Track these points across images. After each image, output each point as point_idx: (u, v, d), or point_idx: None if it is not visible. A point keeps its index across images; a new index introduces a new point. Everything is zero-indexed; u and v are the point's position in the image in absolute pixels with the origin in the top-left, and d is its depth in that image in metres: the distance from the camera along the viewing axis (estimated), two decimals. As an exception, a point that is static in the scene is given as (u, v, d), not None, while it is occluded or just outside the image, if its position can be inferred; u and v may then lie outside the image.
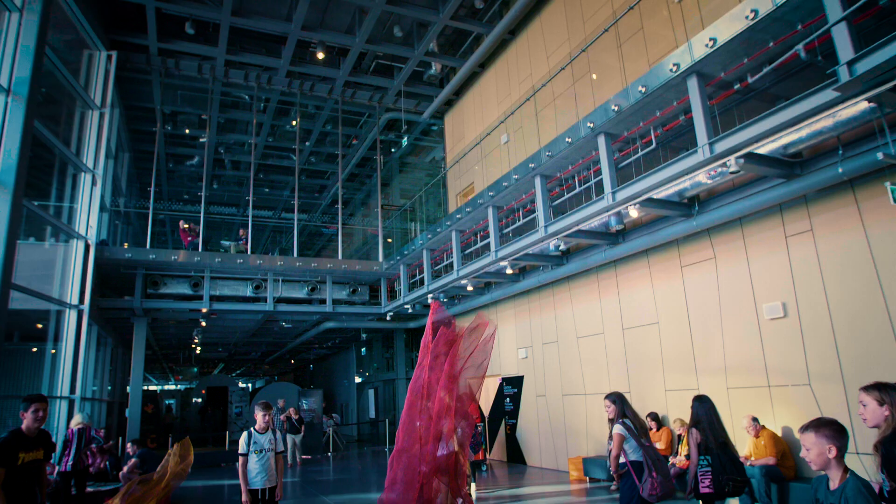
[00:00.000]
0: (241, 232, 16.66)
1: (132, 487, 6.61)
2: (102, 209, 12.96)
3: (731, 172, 6.44)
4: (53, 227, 11.43)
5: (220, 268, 14.22)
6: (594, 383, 10.42)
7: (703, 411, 5.15)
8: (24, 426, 4.37)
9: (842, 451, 2.47)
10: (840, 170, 6.23)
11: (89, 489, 8.07)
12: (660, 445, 8.42)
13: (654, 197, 7.67)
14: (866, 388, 2.82)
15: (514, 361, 12.89)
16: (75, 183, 11.83)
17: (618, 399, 5.15)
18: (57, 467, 7.71)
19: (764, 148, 6.45)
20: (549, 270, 11.02)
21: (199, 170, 18.11)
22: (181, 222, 15.66)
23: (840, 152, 6.33)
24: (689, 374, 8.46)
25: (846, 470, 2.49)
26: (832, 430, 2.51)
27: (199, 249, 14.38)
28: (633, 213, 7.78)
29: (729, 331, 7.95)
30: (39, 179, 11.51)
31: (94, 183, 11.99)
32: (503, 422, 13.15)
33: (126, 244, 15.96)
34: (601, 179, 8.07)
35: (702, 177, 7.26)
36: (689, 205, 8.11)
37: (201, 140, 17.86)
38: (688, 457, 7.85)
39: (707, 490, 4.97)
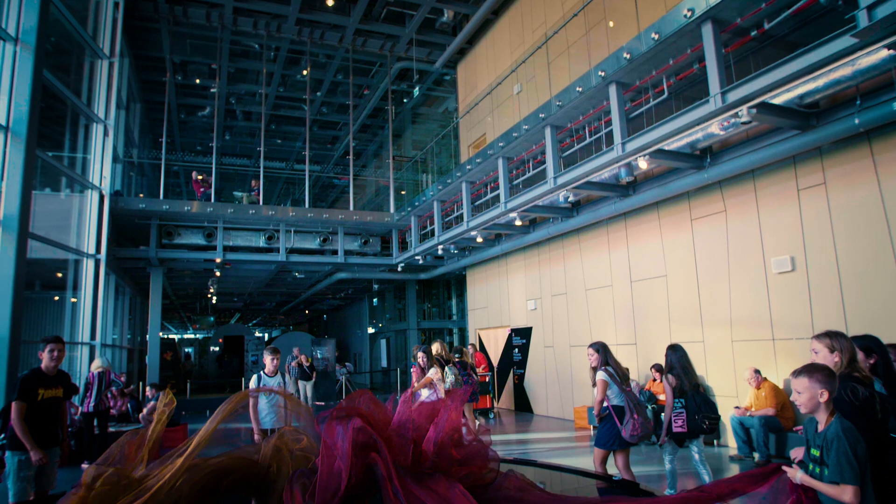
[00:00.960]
0: (253, 183, 16.73)
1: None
2: (115, 160, 13.05)
3: (743, 123, 6.32)
4: (68, 178, 11.56)
5: (232, 218, 14.36)
6: (601, 335, 10.53)
7: (676, 358, 5.48)
8: (42, 365, 4.62)
9: (832, 395, 2.56)
10: (856, 121, 6.08)
11: (111, 429, 8.44)
12: (663, 396, 8.56)
13: (665, 148, 7.56)
14: (818, 336, 2.98)
15: (523, 313, 13.03)
16: (87, 134, 11.89)
17: (601, 348, 5.48)
18: (80, 408, 8.07)
19: (779, 98, 6.30)
20: (559, 222, 11.00)
21: (211, 121, 18.05)
22: (194, 173, 15.74)
23: (858, 103, 6.17)
24: (695, 327, 8.52)
25: (832, 413, 2.57)
26: (824, 375, 2.58)
27: (212, 200, 14.50)
28: (643, 164, 7.69)
29: (736, 284, 7.95)
30: (52, 130, 11.58)
31: (105, 133, 12.04)
32: (511, 372, 13.40)
33: (140, 195, 16.12)
34: (612, 130, 7.96)
35: (714, 127, 7.13)
36: (700, 156, 7.99)
37: (212, 90, 17.73)
38: (690, 406, 8.00)
39: (679, 429, 5.32)
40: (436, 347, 8.21)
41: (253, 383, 5.44)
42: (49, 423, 4.59)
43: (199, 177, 15.65)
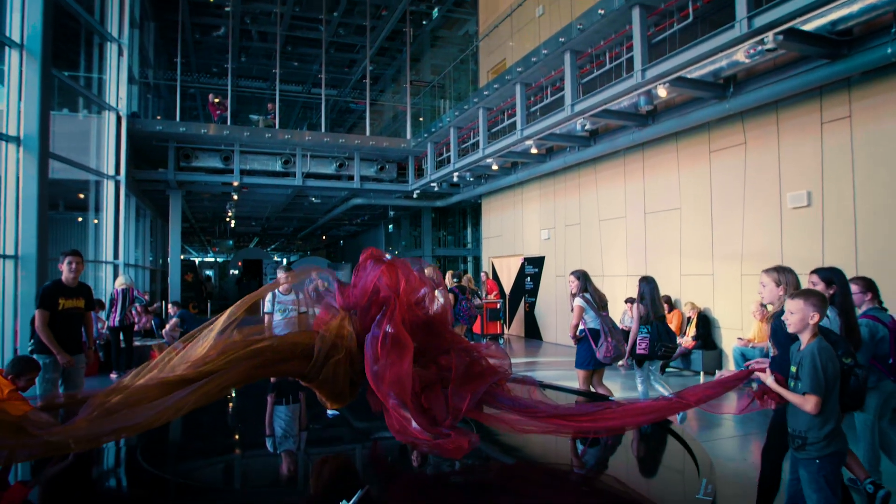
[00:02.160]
0: (269, 106, 16.56)
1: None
2: (131, 81, 12.99)
3: (769, 51, 6.08)
4: (85, 99, 11.58)
5: (249, 142, 14.37)
6: (613, 266, 10.61)
7: (648, 290, 5.88)
8: (62, 277, 4.85)
9: (822, 318, 2.70)
10: (889, 50, 5.82)
11: (136, 343, 8.88)
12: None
13: (687, 76, 7.32)
14: (767, 270, 3.14)
15: (536, 242, 13.11)
16: (102, 54, 11.79)
17: (581, 276, 5.86)
18: (106, 322, 8.47)
19: (809, 24, 6.02)
20: (576, 152, 10.86)
21: (226, 41, 17.69)
22: (210, 96, 15.63)
23: (893, 31, 5.88)
24: (706, 260, 8.54)
25: (815, 335, 2.71)
26: (819, 299, 2.72)
27: (229, 123, 14.47)
28: (662, 92, 7.48)
29: (750, 218, 7.89)
30: (66, 49, 11.49)
31: (120, 53, 11.93)
32: (523, 300, 13.64)
33: (157, 117, 16.10)
34: (633, 56, 7.71)
35: (739, 55, 6.85)
36: (723, 86, 7.74)
37: (226, 9, 17.28)
38: (694, 338, 8.16)
39: (642, 352, 5.77)
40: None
41: (267, 301, 5.66)
42: (72, 331, 4.85)
43: (216, 99, 15.54)
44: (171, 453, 4.20)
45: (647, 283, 5.92)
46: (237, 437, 4.70)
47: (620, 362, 5.99)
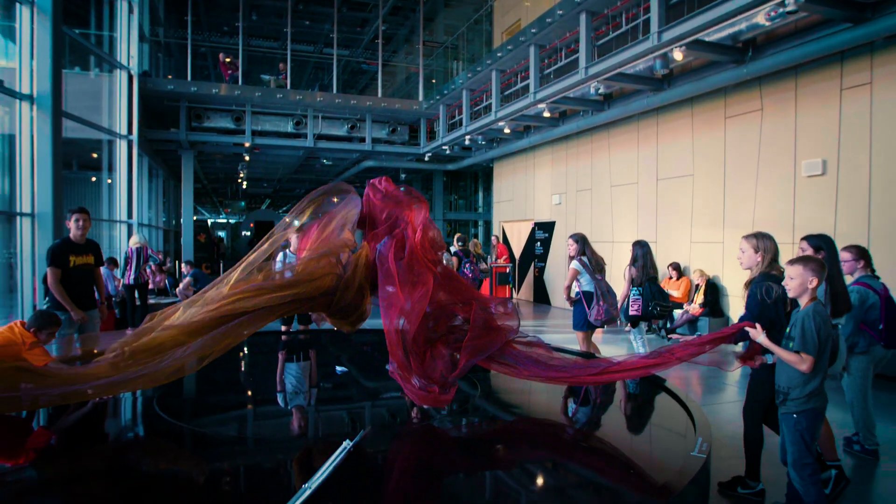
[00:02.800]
0: (280, 66, 16.41)
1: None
2: (142, 39, 12.90)
3: (789, 13, 5.93)
4: (96, 57, 11.54)
5: (260, 102, 14.30)
6: (623, 232, 10.59)
7: (641, 253, 6.08)
8: (70, 235, 4.93)
9: (820, 284, 2.79)
10: (914, 13, 5.66)
11: (151, 301, 9.06)
12: (676, 293, 8.75)
13: (705, 39, 7.17)
14: (747, 237, 3.18)
15: (547, 207, 13.07)
16: (112, 11, 11.70)
17: (580, 239, 5.99)
18: (122, 281, 8.63)
19: (833, -15, 5.85)
20: (589, 116, 10.72)
21: (237, -2, 17.44)
22: (221, 55, 15.50)
23: (920, -7, 5.71)
24: (716, 228, 8.50)
25: (813, 299, 2.80)
26: (817, 265, 2.80)
27: (240, 83, 14.38)
28: (678, 55, 7.34)
29: (763, 186, 7.82)
30: (77, 7, 11.41)
31: (130, 11, 11.82)
32: (532, 265, 13.68)
33: (168, 76, 16.02)
34: (650, 18, 7.54)
35: (760, 17, 6.70)
36: (742, 50, 7.57)
37: (236, -37, 16.98)
38: (701, 305, 8.19)
39: (635, 313, 5.99)
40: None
41: (278, 260, 5.72)
42: (84, 287, 4.95)
43: (227, 59, 15.41)
44: (187, 406, 4.34)
45: (641, 247, 6.10)
46: (250, 392, 4.84)
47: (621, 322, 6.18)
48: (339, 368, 5.19)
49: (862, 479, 3.75)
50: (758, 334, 2.84)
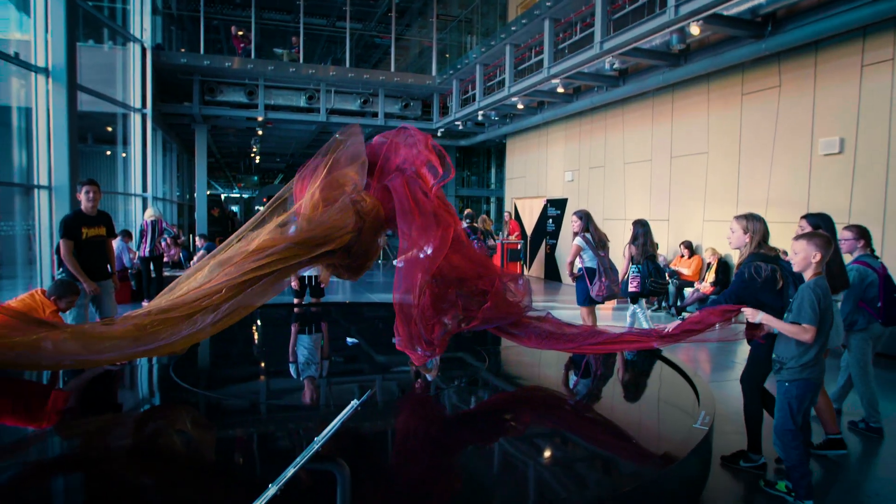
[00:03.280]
0: (293, 40, 16.32)
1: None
2: (155, 12, 12.87)
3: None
4: (110, 30, 11.55)
5: (273, 76, 14.27)
6: (635, 210, 10.53)
7: (642, 232, 6.15)
8: (82, 207, 4.95)
9: (824, 258, 2.81)
10: (940, -14, 5.51)
11: (166, 273, 9.19)
12: (687, 271, 8.73)
13: (723, 13, 7.03)
14: (737, 217, 3.24)
15: (560, 184, 13.01)
16: (124, -18, 11.67)
17: (584, 216, 6.03)
18: (137, 253, 8.76)
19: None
20: (604, 92, 10.60)
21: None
22: (233, 28, 15.43)
23: (947, -35, 5.55)
24: (730, 207, 8.43)
25: (817, 273, 2.83)
26: (822, 240, 2.83)
27: (252, 57, 14.34)
28: (695, 30, 7.21)
29: (778, 165, 7.73)
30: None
31: (143, -18, 11.78)
32: (544, 241, 13.67)
33: (181, 50, 16.00)
34: (667, -9, 7.40)
35: (780, -10, 6.56)
36: (761, 24, 7.41)
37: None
38: (713, 283, 8.18)
39: (634, 290, 6.09)
40: None
41: (291, 232, 5.78)
42: (97, 258, 5.00)
43: (239, 32, 15.35)
44: (202, 375, 4.45)
45: (641, 226, 6.19)
46: (263, 364, 4.94)
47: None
48: (349, 340, 5.27)
49: (866, 454, 3.79)
50: (754, 315, 2.90)
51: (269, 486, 1.22)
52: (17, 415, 3.32)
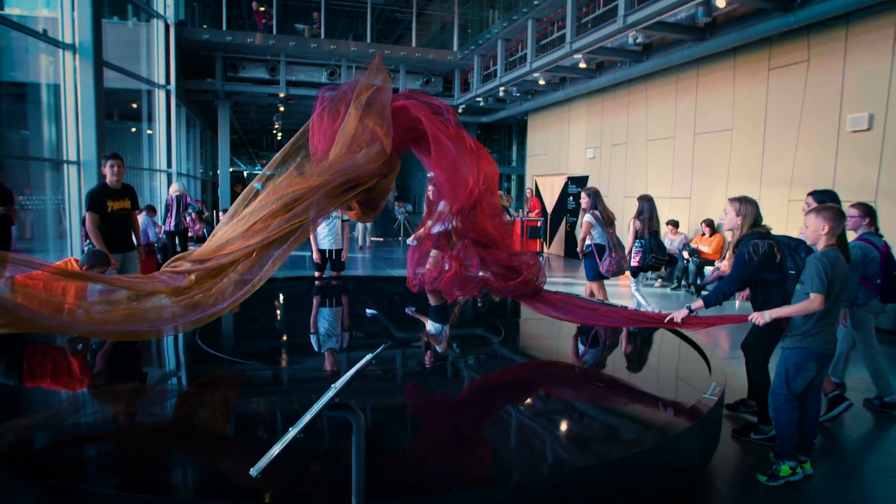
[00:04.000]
0: (314, 15, 16.30)
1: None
2: (177, -13, 12.94)
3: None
4: (134, 6, 11.65)
5: (294, 52, 14.30)
6: (657, 187, 10.44)
7: (647, 207, 6.15)
8: (107, 180, 5.04)
9: (833, 230, 2.84)
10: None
11: (191, 247, 9.40)
12: (707, 249, 8.67)
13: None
14: (731, 200, 3.31)
15: (581, 161, 12.92)
16: (147, -43, 11.73)
17: (593, 193, 6.11)
18: (163, 227, 8.97)
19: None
20: (627, 67, 10.45)
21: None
22: (254, 3, 15.46)
23: None
24: (753, 184, 8.32)
25: (827, 245, 2.86)
26: (831, 213, 2.86)
27: (274, 33, 14.37)
28: (721, 2, 7.08)
29: (804, 141, 7.59)
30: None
31: (166, -42, 11.84)
32: (564, 219, 13.63)
33: (204, 26, 16.09)
34: (693, -37, 7.24)
35: (810, -39, 6.38)
36: (791, -5, 7.23)
37: None
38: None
39: (636, 264, 6.15)
40: None
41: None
42: (122, 230, 5.13)
43: (261, 7, 15.37)
44: (227, 343, 4.59)
45: (647, 202, 6.22)
46: (285, 337, 5.07)
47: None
48: (368, 311, 5.38)
49: (878, 429, 3.81)
50: (762, 318, 2.95)
51: (289, 429, 1.30)
52: (54, 378, 3.49)
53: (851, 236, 4.12)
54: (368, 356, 1.63)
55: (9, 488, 2.06)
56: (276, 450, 1.24)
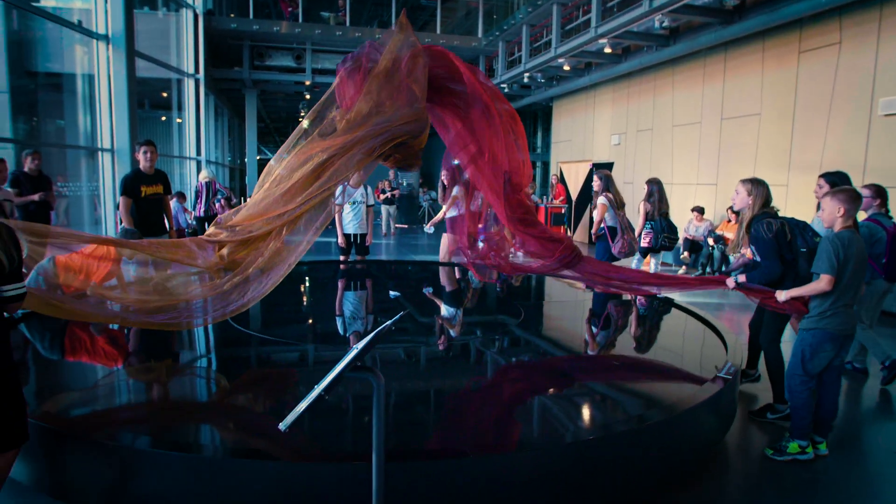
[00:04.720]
0: (340, 3, 16.40)
1: None
2: (205, -23, 13.14)
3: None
4: (163, -5, 11.89)
5: (320, 40, 14.43)
6: (683, 174, 10.35)
7: (656, 189, 6.40)
8: (140, 166, 5.20)
9: (849, 212, 2.85)
10: None
11: (220, 233, 9.63)
12: (731, 235, 8.59)
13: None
14: (743, 181, 3.38)
15: (606, 147, 12.83)
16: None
17: (604, 178, 6.15)
18: (193, 213, 9.20)
19: None
20: (653, 52, 10.33)
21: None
22: (280, -9, 15.61)
23: None
24: (781, 170, 8.21)
25: (845, 226, 2.87)
26: (847, 195, 2.87)
27: (300, 21, 14.52)
28: (750, -14, 6.94)
29: (834, 126, 7.45)
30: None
31: (194, -52, 12.03)
32: (588, 206, 13.57)
33: (231, 15, 16.30)
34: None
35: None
36: (822, -24, 7.08)
37: None
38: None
39: (647, 245, 6.41)
40: None
41: (338, 191, 6.00)
42: (155, 214, 5.29)
43: (287, -5, 15.53)
44: (253, 322, 4.75)
45: (656, 185, 6.43)
46: (310, 321, 5.21)
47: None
48: (392, 293, 5.50)
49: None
50: (780, 296, 3.03)
51: (314, 387, 1.40)
52: (92, 354, 3.68)
53: (861, 216, 4.13)
54: (388, 322, 1.73)
55: (61, 448, 2.23)
56: (302, 405, 1.34)
